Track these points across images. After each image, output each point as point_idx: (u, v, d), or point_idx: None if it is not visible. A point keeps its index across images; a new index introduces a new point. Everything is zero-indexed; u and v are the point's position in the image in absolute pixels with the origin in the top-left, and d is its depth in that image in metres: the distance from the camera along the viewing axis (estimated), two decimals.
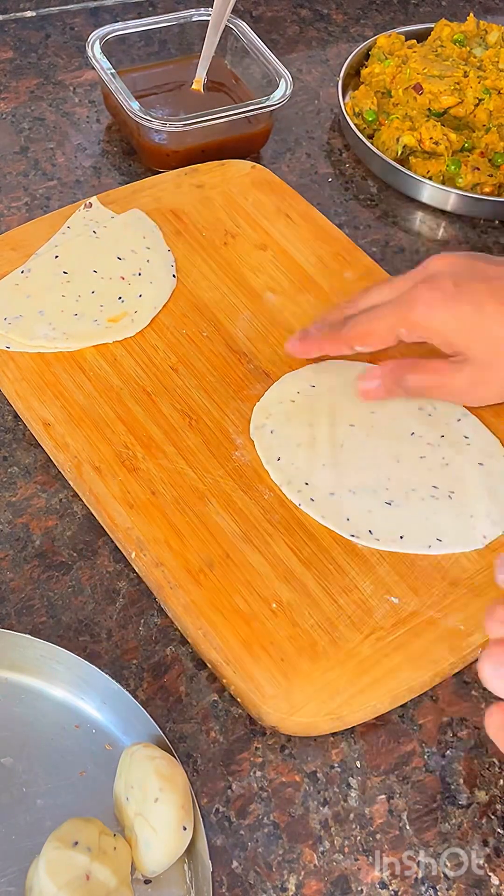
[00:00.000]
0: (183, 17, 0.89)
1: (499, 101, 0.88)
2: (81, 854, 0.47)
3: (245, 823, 0.54)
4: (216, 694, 0.57)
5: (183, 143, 0.82)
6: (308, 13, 1.03)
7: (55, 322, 0.69)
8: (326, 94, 0.95)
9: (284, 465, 0.64)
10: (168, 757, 0.51)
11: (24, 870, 0.49)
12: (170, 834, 0.49)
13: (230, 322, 0.72)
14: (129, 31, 0.86)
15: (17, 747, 0.53)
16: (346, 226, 0.83)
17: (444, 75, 0.88)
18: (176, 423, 0.66)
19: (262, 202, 0.80)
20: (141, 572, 0.60)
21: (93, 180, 0.84)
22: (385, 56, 0.92)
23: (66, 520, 0.64)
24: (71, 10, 0.98)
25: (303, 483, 0.63)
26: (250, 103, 0.83)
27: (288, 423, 0.66)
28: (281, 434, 0.65)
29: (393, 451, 0.65)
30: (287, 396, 0.67)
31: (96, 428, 0.65)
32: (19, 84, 0.91)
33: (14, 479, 0.65)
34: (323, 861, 0.53)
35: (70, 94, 0.91)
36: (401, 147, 0.86)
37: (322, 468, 0.64)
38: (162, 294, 0.72)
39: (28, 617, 0.59)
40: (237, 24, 0.87)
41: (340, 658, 0.57)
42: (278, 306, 0.73)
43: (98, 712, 0.55)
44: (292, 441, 0.65)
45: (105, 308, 0.70)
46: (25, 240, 0.74)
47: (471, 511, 0.63)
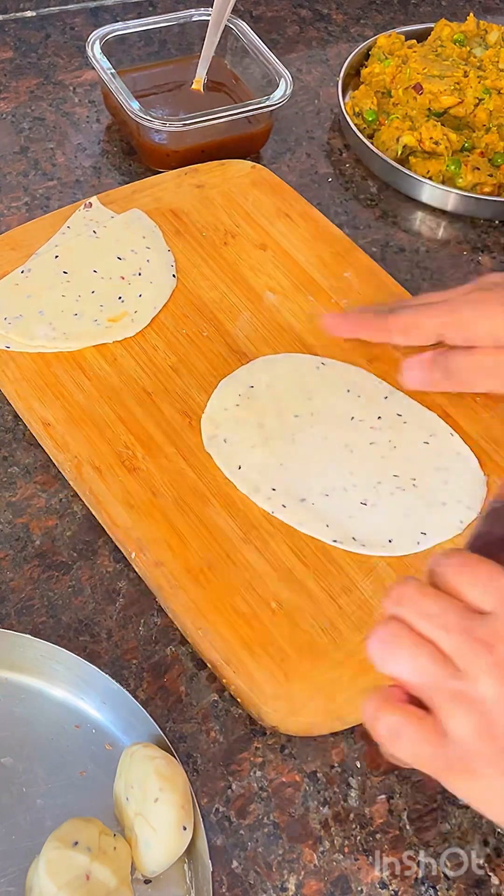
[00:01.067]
0: (183, 17, 0.89)
1: (499, 101, 0.88)
2: (81, 854, 0.47)
3: (245, 823, 0.54)
4: (216, 694, 0.57)
5: (183, 143, 0.82)
6: (308, 13, 1.03)
7: (55, 322, 0.69)
8: (326, 94, 0.95)
9: (246, 472, 0.63)
10: (168, 757, 0.51)
11: (24, 870, 0.49)
12: (170, 834, 0.49)
13: (230, 322, 0.72)
14: (129, 31, 0.86)
15: (17, 747, 0.53)
16: (346, 226, 0.83)
17: (444, 75, 0.88)
18: (176, 423, 0.66)
19: (262, 202, 0.80)
20: (141, 572, 0.60)
21: (93, 180, 0.84)
22: (385, 56, 0.92)
23: (66, 520, 0.64)
24: (71, 10, 0.98)
25: (269, 489, 0.63)
26: (250, 103, 0.83)
27: (238, 427, 0.66)
28: (234, 441, 0.65)
29: (341, 439, 0.66)
30: (230, 402, 0.67)
31: (96, 428, 0.65)
32: (19, 84, 0.91)
33: (14, 479, 0.65)
34: (323, 861, 0.53)
35: (70, 94, 0.91)
36: (401, 147, 0.86)
37: (281, 468, 0.64)
38: (162, 294, 0.72)
39: (28, 617, 0.59)
40: (237, 24, 0.87)
41: (340, 658, 0.57)
42: (278, 306, 0.73)
43: (98, 712, 0.55)
44: (246, 444, 0.65)
45: (105, 308, 0.70)
46: (25, 240, 0.74)
47: (441, 499, 0.64)
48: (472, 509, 0.64)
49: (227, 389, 0.68)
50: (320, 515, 0.62)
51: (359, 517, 0.62)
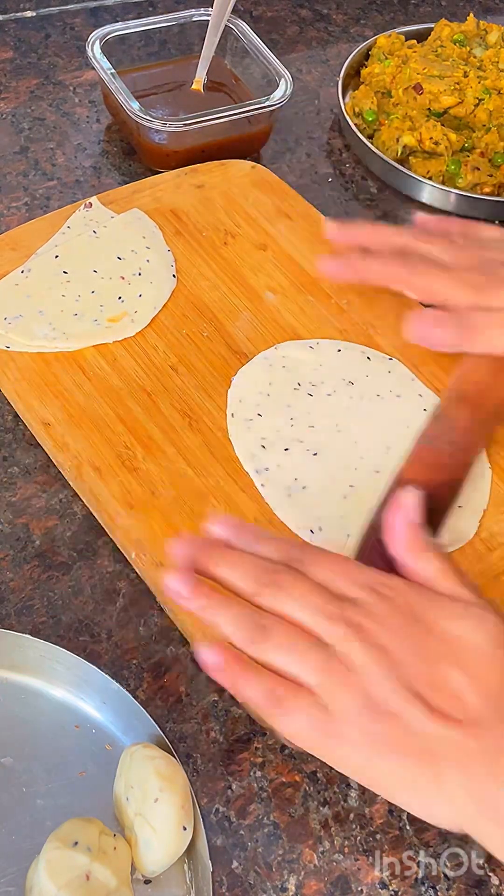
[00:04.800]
0: (183, 17, 0.89)
1: (499, 101, 0.88)
2: (81, 854, 0.47)
3: (245, 823, 0.54)
4: (216, 694, 0.57)
5: (183, 143, 0.82)
6: (308, 13, 1.03)
7: (55, 322, 0.69)
8: (326, 94, 0.95)
9: (297, 500, 0.63)
10: (168, 757, 0.51)
11: (24, 870, 0.49)
12: (170, 834, 0.49)
13: (230, 322, 0.72)
14: (129, 31, 0.86)
15: (17, 747, 0.53)
16: None
17: (444, 75, 0.88)
18: (176, 423, 0.66)
19: (262, 202, 0.80)
20: (141, 572, 0.60)
21: (93, 180, 0.84)
22: (385, 56, 0.92)
23: (66, 520, 0.64)
24: (71, 10, 0.98)
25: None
26: (250, 103, 0.83)
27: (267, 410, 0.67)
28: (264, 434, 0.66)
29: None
30: (256, 389, 0.68)
31: (96, 428, 0.65)
32: (19, 84, 0.91)
33: (14, 479, 0.65)
34: (323, 861, 0.53)
35: (70, 94, 0.91)
36: (401, 147, 0.86)
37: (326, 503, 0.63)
38: (162, 294, 0.72)
39: (28, 617, 0.59)
40: (237, 24, 0.87)
41: None
42: (278, 306, 0.73)
43: (98, 712, 0.55)
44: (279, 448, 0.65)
45: (105, 308, 0.70)
46: (25, 240, 0.74)
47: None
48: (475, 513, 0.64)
49: (256, 369, 0.69)
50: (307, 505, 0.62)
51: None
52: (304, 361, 0.70)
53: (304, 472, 0.64)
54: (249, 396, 0.67)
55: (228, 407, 0.67)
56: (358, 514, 0.62)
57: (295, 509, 0.62)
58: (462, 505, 0.64)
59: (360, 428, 0.67)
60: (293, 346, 0.70)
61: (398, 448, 0.66)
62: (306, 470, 0.64)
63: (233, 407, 0.67)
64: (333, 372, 0.69)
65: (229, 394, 0.67)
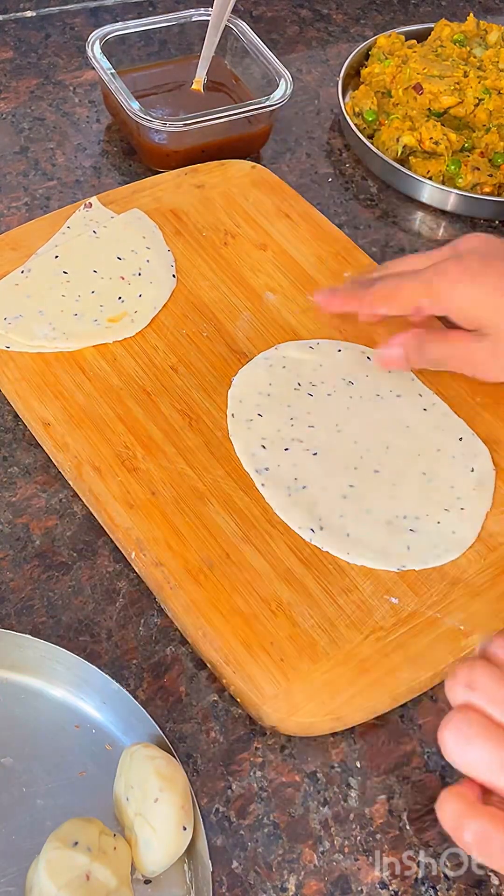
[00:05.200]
0: (183, 17, 0.89)
1: (499, 101, 0.88)
2: (81, 854, 0.47)
3: (245, 823, 0.54)
4: (216, 694, 0.57)
5: (183, 143, 0.82)
6: (308, 13, 1.03)
7: (55, 322, 0.69)
8: (326, 94, 0.95)
9: (297, 500, 0.63)
10: (168, 757, 0.51)
11: (24, 870, 0.49)
12: (170, 834, 0.49)
13: (230, 322, 0.72)
14: (129, 31, 0.86)
15: (17, 747, 0.53)
16: (346, 226, 0.83)
17: (444, 75, 0.88)
18: (176, 423, 0.66)
19: (262, 202, 0.80)
20: (141, 572, 0.60)
21: (93, 180, 0.84)
22: (385, 56, 0.92)
23: (66, 520, 0.64)
24: (71, 10, 0.98)
25: (317, 525, 0.62)
26: (250, 103, 0.83)
27: (268, 410, 0.67)
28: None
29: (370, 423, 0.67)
30: (257, 389, 0.68)
31: (96, 428, 0.65)
32: (19, 84, 0.91)
33: (14, 479, 0.65)
34: (323, 861, 0.53)
35: (70, 94, 0.91)
36: (401, 147, 0.86)
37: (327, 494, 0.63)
38: (162, 294, 0.72)
39: (28, 617, 0.59)
40: (237, 24, 0.87)
41: (340, 658, 0.57)
42: (278, 306, 0.73)
43: (98, 712, 0.55)
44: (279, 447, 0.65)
45: (105, 308, 0.70)
46: (25, 240, 0.74)
47: (460, 504, 0.64)
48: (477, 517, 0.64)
49: (256, 368, 0.69)
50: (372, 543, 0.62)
51: (412, 543, 0.62)
52: (305, 361, 0.70)
53: (304, 472, 0.64)
54: (249, 396, 0.67)
55: (228, 407, 0.67)
56: (358, 513, 0.62)
57: (295, 509, 0.62)
58: (465, 508, 0.64)
59: (360, 428, 0.67)
60: (293, 347, 0.70)
61: (398, 448, 0.66)
62: (306, 470, 0.64)
63: (233, 407, 0.67)
64: (333, 372, 0.69)
65: (229, 394, 0.67)
